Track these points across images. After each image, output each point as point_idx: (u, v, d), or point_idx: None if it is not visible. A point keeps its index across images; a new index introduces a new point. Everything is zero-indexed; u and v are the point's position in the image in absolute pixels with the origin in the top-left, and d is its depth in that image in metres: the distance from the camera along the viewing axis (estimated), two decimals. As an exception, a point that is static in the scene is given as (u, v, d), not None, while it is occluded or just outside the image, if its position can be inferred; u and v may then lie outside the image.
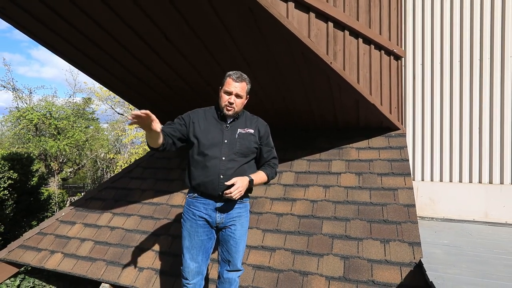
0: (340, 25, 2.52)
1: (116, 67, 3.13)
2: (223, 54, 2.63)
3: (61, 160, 14.22)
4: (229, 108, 1.84)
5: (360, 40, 2.76)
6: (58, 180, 12.87)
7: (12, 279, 3.49)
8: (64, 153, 13.68)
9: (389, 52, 3.13)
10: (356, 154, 3.27)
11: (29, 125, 12.61)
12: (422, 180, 3.62)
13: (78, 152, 14.96)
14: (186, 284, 1.90)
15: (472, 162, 3.49)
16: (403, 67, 3.59)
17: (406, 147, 3.17)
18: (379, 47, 2.99)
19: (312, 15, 2.26)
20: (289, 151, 3.54)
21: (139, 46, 2.70)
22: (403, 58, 3.37)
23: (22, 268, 3.63)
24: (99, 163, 16.45)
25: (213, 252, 2.14)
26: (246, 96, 1.92)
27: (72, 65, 3.17)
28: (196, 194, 1.87)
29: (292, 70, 2.61)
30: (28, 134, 12.93)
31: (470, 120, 3.48)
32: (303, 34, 2.18)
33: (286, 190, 3.16)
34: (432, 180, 3.58)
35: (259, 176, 1.91)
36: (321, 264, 2.46)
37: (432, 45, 3.59)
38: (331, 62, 2.39)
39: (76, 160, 15.77)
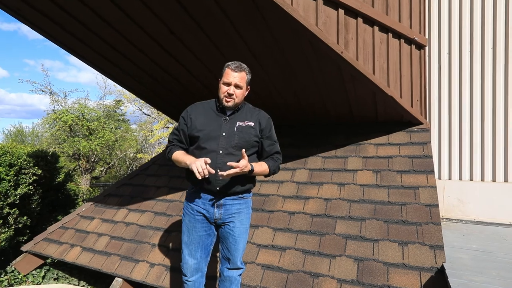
0: (352, 12, 2.37)
1: (131, 67, 3.17)
2: (229, 48, 2.57)
3: (93, 160, 14.96)
4: (228, 100, 1.77)
5: (376, 28, 2.58)
6: (86, 178, 13.53)
7: (38, 270, 3.66)
8: (95, 152, 14.36)
9: (409, 41, 2.91)
10: (374, 151, 3.07)
11: (64, 126, 13.37)
12: (450, 179, 3.33)
13: (108, 152, 15.66)
14: (186, 281, 1.86)
15: (507, 159, 3.16)
16: (427, 57, 3.34)
17: (430, 142, 2.93)
18: (398, 35, 2.78)
19: (320, 1, 2.14)
20: (303, 148, 3.42)
21: (151, 45, 2.71)
22: (426, 47, 3.12)
23: (49, 260, 3.81)
24: (127, 162, 17.14)
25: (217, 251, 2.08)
26: (247, 86, 1.84)
27: (91, 66, 3.26)
28: (194, 189, 1.82)
29: (301, 61, 2.50)
30: (63, 135, 13.72)
31: (505, 113, 3.16)
32: (310, 22, 2.06)
33: (299, 188, 3.05)
34: (460, 179, 3.29)
35: (260, 167, 1.82)
36: (333, 266, 2.33)
37: (461, 32, 3.30)
38: (342, 52, 2.25)
39: (107, 160, 16.51)
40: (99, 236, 3.34)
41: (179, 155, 1.80)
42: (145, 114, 17.70)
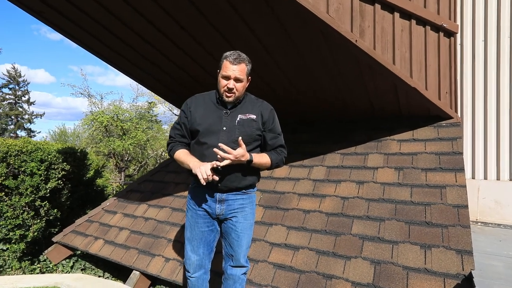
0: (369, -2, 2.22)
1: (149, 66, 3.26)
2: (239, 42, 2.52)
3: (126, 158, 15.70)
4: (228, 95, 1.70)
5: (397, 14, 2.40)
6: (118, 175, 14.23)
7: (67, 260, 3.88)
8: (128, 152, 15.06)
9: (437, 28, 2.68)
10: (397, 147, 2.87)
11: (100, 127, 14.17)
12: (485, 178, 3.03)
13: (140, 151, 16.37)
14: (189, 277, 1.83)
15: (555, 157, 2.80)
16: (458, 45, 3.06)
17: (461, 138, 2.68)
18: (422, 22, 2.57)
19: (332, -13, 2.02)
20: (321, 144, 3.29)
21: (165, 42, 2.75)
22: (457, 35, 2.85)
23: (78, 252, 4.01)
24: (155, 161, 17.81)
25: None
26: (248, 78, 1.76)
27: (104, 60, 3.38)
28: (197, 184, 1.79)
29: (313, 53, 2.39)
30: (99, 135, 14.55)
31: (552, 105, 2.81)
32: (319, 9, 1.96)
33: (315, 185, 2.93)
34: (498, 179, 2.98)
35: (261, 158, 1.74)
36: (347, 268, 2.20)
37: (498, 16, 2.99)
38: (356, 40, 2.11)
39: (139, 159, 17.28)
40: (120, 230, 3.46)
41: (182, 156, 1.75)
42: (175, 115, 18.31)
